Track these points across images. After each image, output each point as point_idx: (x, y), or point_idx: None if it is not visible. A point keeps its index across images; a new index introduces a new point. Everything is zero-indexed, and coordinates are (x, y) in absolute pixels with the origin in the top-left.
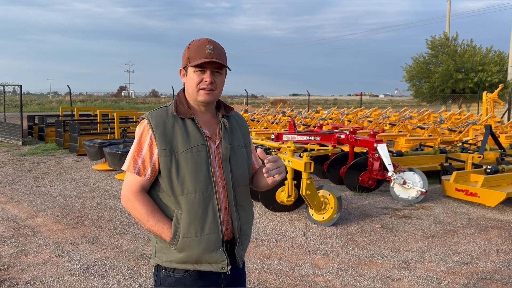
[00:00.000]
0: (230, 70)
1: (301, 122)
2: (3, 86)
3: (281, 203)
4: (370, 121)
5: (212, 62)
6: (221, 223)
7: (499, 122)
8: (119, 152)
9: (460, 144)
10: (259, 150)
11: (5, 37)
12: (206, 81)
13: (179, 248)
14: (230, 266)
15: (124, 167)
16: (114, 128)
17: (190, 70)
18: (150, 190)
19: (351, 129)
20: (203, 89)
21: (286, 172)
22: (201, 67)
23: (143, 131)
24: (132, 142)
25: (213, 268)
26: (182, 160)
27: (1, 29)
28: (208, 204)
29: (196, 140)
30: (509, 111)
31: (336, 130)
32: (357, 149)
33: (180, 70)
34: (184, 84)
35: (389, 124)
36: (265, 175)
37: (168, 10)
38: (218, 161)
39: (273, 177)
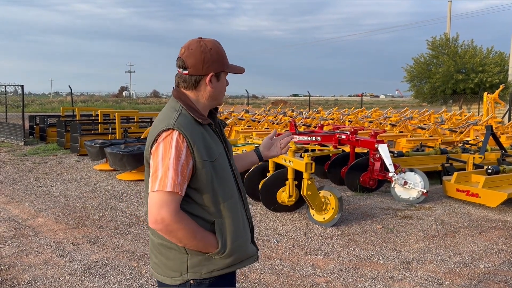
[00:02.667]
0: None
1: (302, 122)
2: (5, 86)
3: (282, 204)
4: (371, 122)
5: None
6: (248, 219)
7: (500, 122)
8: (120, 153)
9: (461, 144)
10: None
11: (7, 38)
12: (227, 85)
13: (228, 254)
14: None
15: (168, 187)
16: (115, 129)
17: (224, 75)
18: None
19: (352, 130)
20: None
21: None
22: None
23: (176, 143)
24: (133, 143)
25: (249, 262)
26: (217, 167)
27: (3, 30)
28: (240, 204)
29: (219, 145)
30: (510, 111)
31: (337, 131)
32: (358, 150)
33: (212, 74)
34: (197, 87)
35: (390, 124)
36: (284, 148)
37: (169, 11)
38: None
39: (282, 151)
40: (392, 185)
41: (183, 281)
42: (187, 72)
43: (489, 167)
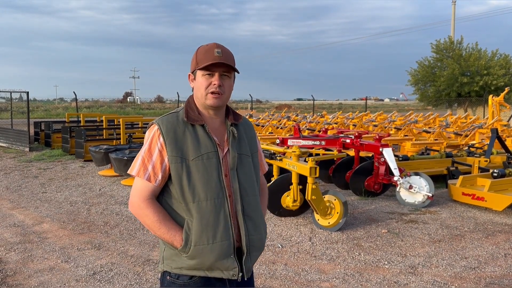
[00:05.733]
0: (238, 73)
1: (306, 126)
2: (11, 93)
3: (287, 208)
4: (375, 125)
5: (220, 64)
6: (233, 231)
7: (505, 125)
8: (125, 158)
9: (466, 148)
10: None
11: (12, 44)
12: (214, 84)
13: (191, 256)
14: (241, 274)
15: (133, 172)
16: (120, 134)
17: (199, 73)
18: (159, 196)
19: (357, 134)
20: (211, 93)
21: None
22: (209, 70)
23: (153, 137)
24: (138, 148)
25: (224, 275)
26: (193, 167)
27: (8, 36)
28: (220, 211)
29: (207, 147)
30: None
31: (341, 135)
32: (362, 154)
33: (189, 75)
34: (193, 89)
35: (395, 128)
36: None
37: (173, 16)
38: (225, 170)
39: None
40: (397, 189)
41: (161, 270)
42: None
43: (495, 170)
